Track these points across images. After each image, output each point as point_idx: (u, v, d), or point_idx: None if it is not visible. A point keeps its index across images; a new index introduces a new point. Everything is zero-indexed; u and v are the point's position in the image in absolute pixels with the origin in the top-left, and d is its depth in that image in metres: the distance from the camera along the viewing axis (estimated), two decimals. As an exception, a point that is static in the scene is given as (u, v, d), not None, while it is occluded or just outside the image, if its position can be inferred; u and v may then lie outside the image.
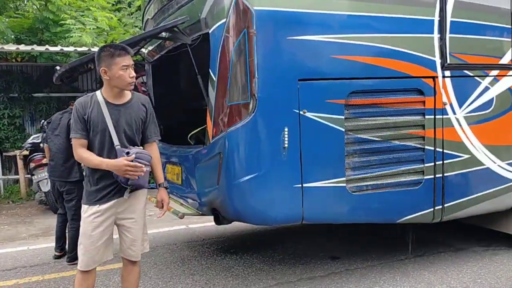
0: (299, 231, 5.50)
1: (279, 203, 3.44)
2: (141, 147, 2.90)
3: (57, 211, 7.21)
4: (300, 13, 3.38)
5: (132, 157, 2.71)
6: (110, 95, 2.83)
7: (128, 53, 2.81)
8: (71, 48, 8.29)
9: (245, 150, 3.38)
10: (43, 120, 7.94)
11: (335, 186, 3.53)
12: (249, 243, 5.24)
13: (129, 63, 2.78)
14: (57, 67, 3.87)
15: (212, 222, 5.81)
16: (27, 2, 9.76)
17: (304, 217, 3.47)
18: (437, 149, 3.86)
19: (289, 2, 3.33)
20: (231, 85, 3.34)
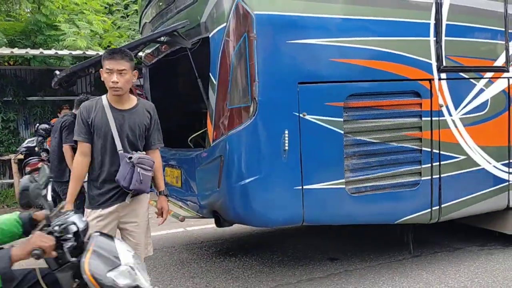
0: (297, 233, 5.53)
1: (279, 205, 3.47)
2: (143, 152, 2.91)
3: (53, 215, 7.23)
4: (300, 17, 3.42)
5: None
6: (113, 99, 2.85)
7: (118, 57, 2.75)
8: (65, 52, 8.27)
9: (246, 153, 3.40)
10: (38, 124, 7.96)
11: (334, 188, 3.57)
12: (247, 245, 5.26)
13: (112, 68, 2.72)
14: (56, 71, 3.87)
15: (210, 224, 5.92)
16: (20, 5, 9.69)
17: (305, 218, 3.50)
18: (434, 151, 3.91)
19: (288, 7, 3.37)
20: (231, 88, 3.37)
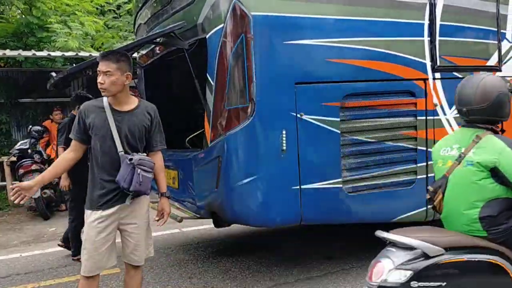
0: (293, 232, 5.56)
1: (278, 205, 3.50)
2: (144, 154, 2.91)
3: (47, 217, 7.20)
4: (296, 18, 3.45)
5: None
6: (114, 101, 2.85)
7: (105, 59, 2.79)
8: (58, 53, 8.22)
9: (244, 153, 3.43)
10: (31, 126, 7.91)
11: (331, 187, 3.61)
12: (244, 245, 5.28)
13: (99, 69, 2.77)
14: (52, 73, 3.86)
15: (205, 225, 5.94)
16: (11, 6, 9.61)
17: (303, 218, 3.53)
18: (428, 150, 3.95)
19: (285, 7, 3.40)
20: (229, 89, 3.39)
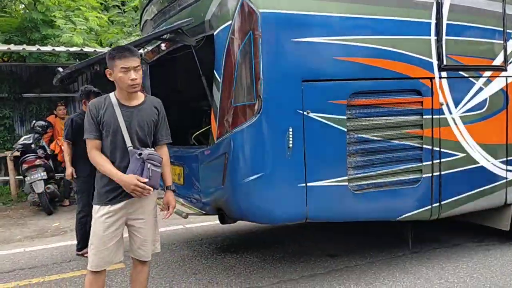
0: (296, 230, 5.58)
1: (283, 202, 3.50)
2: (152, 149, 2.93)
3: (50, 212, 7.23)
4: (304, 16, 3.45)
5: (144, 179, 2.75)
6: (121, 96, 2.87)
7: (130, 55, 2.78)
8: (63, 48, 8.22)
9: (251, 150, 3.43)
10: (35, 121, 7.92)
11: (337, 185, 3.61)
12: (248, 242, 5.29)
13: (128, 66, 2.75)
14: (59, 68, 3.86)
15: (209, 221, 5.96)
16: (15, 1, 9.61)
17: (308, 215, 3.54)
18: (434, 148, 3.97)
19: (293, 5, 3.40)
20: (236, 86, 3.39)
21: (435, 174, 3.99)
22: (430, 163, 3.95)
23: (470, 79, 4.17)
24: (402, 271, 4.11)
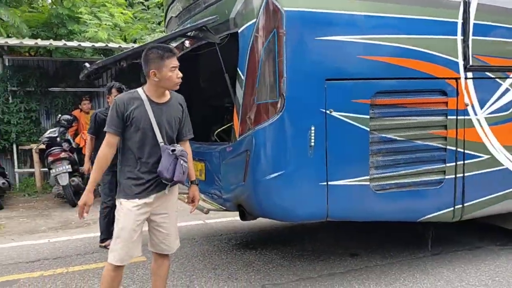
0: (315, 228, 5.58)
1: (304, 200, 3.51)
2: (178, 144, 2.98)
3: (74, 205, 7.38)
4: (328, 14, 3.44)
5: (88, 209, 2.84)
6: (154, 94, 2.89)
7: (175, 54, 2.89)
8: (88, 44, 8.36)
9: (272, 148, 3.45)
10: (60, 115, 8.09)
11: (359, 185, 3.60)
12: (267, 239, 5.32)
13: (177, 64, 2.86)
14: (86, 64, 3.94)
15: (228, 217, 6.00)
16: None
17: (329, 214, 3.54)
18: (458, 149, 3.92)
19: (318, 3, 3.39)
20: (259, 84, 3.41)
21: (458, 175, 3.94)
22: (454, 164, 3.91)
23: (497, 80, 4.10)
24: (422, 273, 4.08)
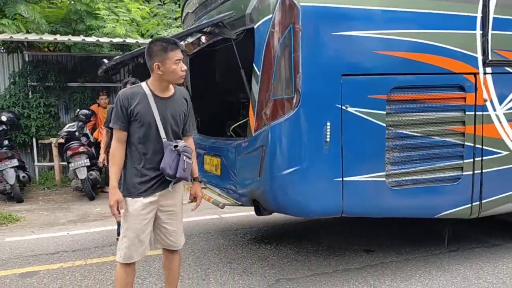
0: (330, 223, 5.57)
1: (319, 196, 3.52)
2: (182, 140, 2.95)
3: (92, 198, 7.50)
4: (344, 9, 3.43)
5: (122, 204, 2.82)
6: (158, 88, 2.85)
7: (179, 47, 2.85)
8: (106, 39, 8.45)
9: (288, 143, 3.45)
10: (78, 110, 8.22)
11: (374, 181, 3.59)
12: (282, 234, 5.34)
13: (181, 57, 2.81)
14: (104, 60, 3.99)
15: (243, 212, 6.03)
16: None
17: (344, 210, 3.54)
18: (476, 146, 3.87)
19: (333, -2, 3.38)
20: (275, 79, 3.41)
21: (476, 172, 3.90)
22: (472, 160, 3.86)
23: (517, 75, 4.03)
24: (438, 269, 4.05)
